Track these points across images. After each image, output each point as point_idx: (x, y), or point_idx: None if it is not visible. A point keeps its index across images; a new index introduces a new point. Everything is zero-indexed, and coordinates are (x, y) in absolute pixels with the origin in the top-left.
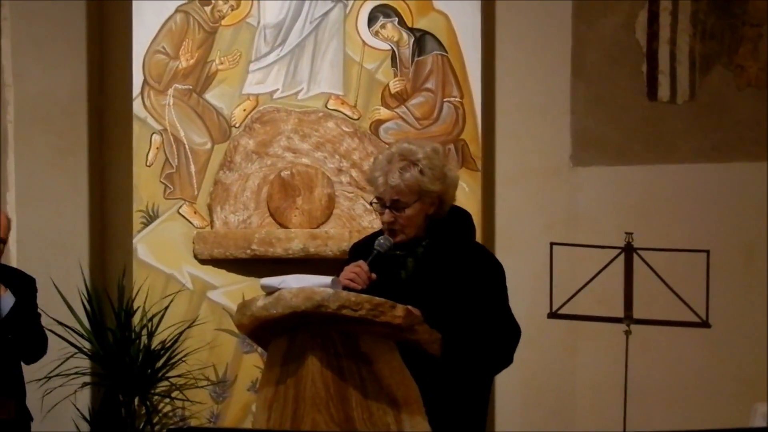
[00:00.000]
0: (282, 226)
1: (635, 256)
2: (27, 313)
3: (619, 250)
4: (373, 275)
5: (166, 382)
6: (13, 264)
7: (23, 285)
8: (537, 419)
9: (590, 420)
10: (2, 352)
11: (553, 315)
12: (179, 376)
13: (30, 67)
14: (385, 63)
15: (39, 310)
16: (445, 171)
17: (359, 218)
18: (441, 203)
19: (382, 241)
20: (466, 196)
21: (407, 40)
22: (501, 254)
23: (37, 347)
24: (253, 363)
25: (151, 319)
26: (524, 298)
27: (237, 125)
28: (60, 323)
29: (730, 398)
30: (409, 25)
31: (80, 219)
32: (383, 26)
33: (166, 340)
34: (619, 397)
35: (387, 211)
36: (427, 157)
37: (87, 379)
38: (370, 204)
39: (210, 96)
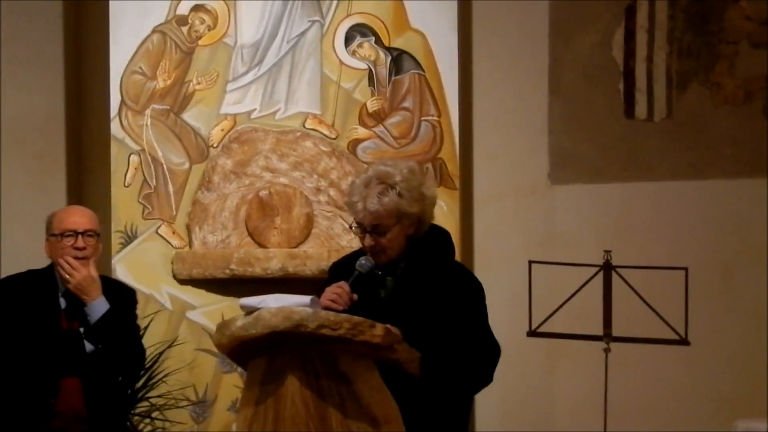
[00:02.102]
0: (261, 245)
1: (614, 274)
2: (120, 321)
3: (597, 268)
4: (354, 296)
5: (146, 403)
6: None
7: (122, 296)
8: None
9: None
10: (92, 365)
11: (532, 333)
12: (159, 396)
13: (7, 88)
14: (362, 82)
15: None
16: (422, 191)
17: (338, 237)
18: (420, 223)
19: (363, 261)
20: (445, 215)
21: (384, 59)
22: (479, 273)
23: (132, 359)
24: (233, 383)
25: None
26: (503, 317)
27: (215, 145)
28: None
29: (710, 416)
30: (386, 44)
31: None
32: (360, 45)
33: (145, 360)
34: (599, 415)
35: (368, 235)
36: (404, 179)
37: None
38: (350, 227)
39: (187, 116)
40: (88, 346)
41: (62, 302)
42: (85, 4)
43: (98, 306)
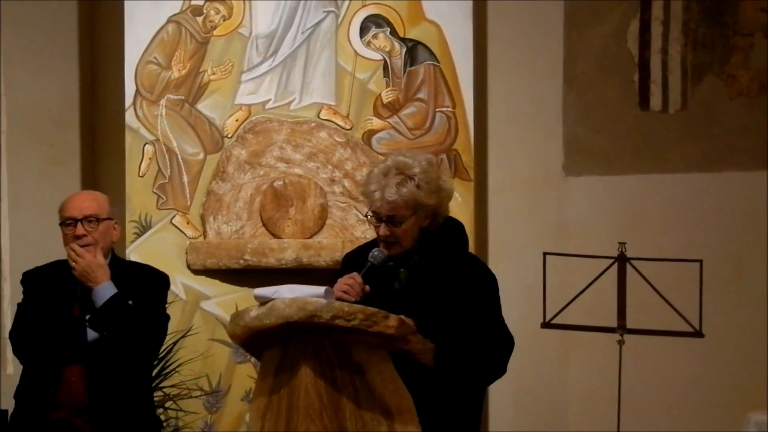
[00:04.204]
0: (275, 236)
1: (628, 266)
2: (128, 307)
3: (612, 260)
4: (367, 287)
5: (159, 393)
6: (5, 275)
7: (150, 280)
8: (530, 429)
9: (583, 430)
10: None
11: (546, 325)
12: (173, 386)
13: (22, 77)
14: (377, 73)
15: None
16: (440, 183)
17: (352, 228)
18: (435, 215)
19: (376, 253)
20: (459, 206)
21: (399, 50)
22: (493, 264)
23: (142, 345)
24: (246, 373)
25: None
26: (517, 308)
27: (229, 135)
28: None
29: (724, 408)
30: (401, 35)
31: None
32: (375, 36)
33: (161, 347)
34: (612, 407)
35: (383, 225)
36: (423, 171)
37: None
38: (365, 217)
39: (202, 106)
40: (92, 334)
41: (79, 291)
42: None
43: (102, 291)
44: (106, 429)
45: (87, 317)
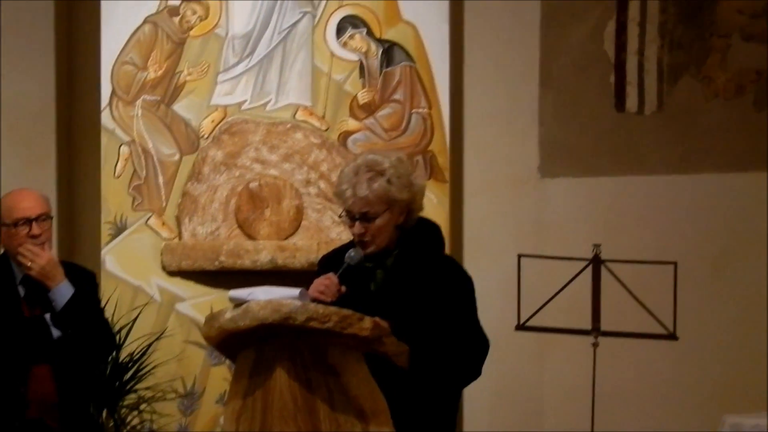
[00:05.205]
0: (250, 237)
1: (603, 268)
2: (87, 305)
3: (586, 262)
4: (343, 288)
5: (134, 395)
6: None
7: (83, 279)
8: (505, 430)
9: None
10: (61, 352)
11: (520, 327)
12: (147, 388)
13: None
14: (353, 74)
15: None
16: (411, 179)
17: (327, 230)
18: (410, 212)
19: (352, 254)
20: (435, 208)
21: (375, 50)
22: (469, 266)
23: (102, 343)
24: (221, 375)
25: (119, 332)
26: (492, 310)
27: (205, 136)
28: None
29: (698, 410)
30: (378, 35)
31: None
32: (351, 37)
33: (134, 352)
34: (587, 410)
35: (357, 223)
36: (393, 166)
37: None
38: (339, 217)
39: (178, 107)
40: (55, 332)
41: (21, 291)
42: None
43: (63, 290)
44: (74, 428)
45: (48, 316)
